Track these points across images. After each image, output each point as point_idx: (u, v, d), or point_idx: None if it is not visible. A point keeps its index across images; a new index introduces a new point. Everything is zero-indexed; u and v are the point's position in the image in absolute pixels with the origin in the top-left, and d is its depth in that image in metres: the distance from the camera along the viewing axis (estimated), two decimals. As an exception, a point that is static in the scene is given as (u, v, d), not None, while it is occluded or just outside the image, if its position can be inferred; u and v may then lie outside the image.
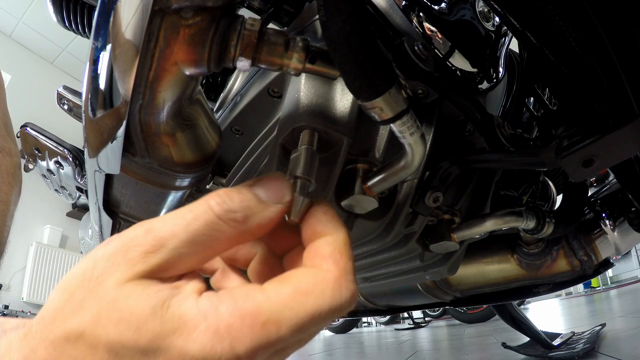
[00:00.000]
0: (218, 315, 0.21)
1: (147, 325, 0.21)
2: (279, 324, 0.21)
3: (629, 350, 1.32)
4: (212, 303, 0.21)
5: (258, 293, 0.22)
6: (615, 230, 0.70)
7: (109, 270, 0.22)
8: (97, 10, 0.35)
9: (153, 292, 0.22)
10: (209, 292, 0.23)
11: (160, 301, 0.21)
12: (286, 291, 0.22)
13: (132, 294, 0.21)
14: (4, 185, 0.62)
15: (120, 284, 0.22)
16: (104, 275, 0.22)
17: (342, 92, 0.42)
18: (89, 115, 0.42)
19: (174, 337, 0.20)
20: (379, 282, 0.79)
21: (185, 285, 0.23)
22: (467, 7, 0.54)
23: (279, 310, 0.21)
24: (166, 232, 0.23)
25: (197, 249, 0.23)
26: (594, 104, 0.37)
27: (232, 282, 0.29)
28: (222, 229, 0.23)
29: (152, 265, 0.22)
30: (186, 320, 0.21)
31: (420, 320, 5.09)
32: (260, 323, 0.21)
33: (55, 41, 4.60)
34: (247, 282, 0.27)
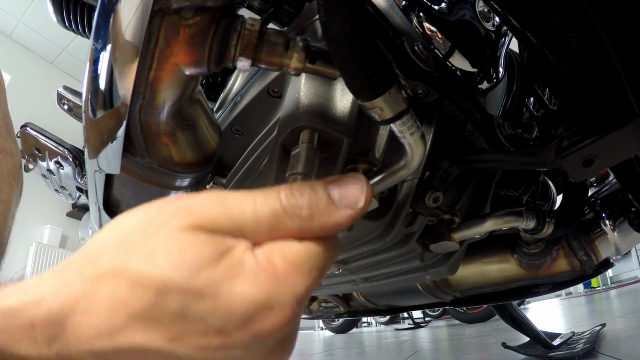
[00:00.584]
0: (274, 265, 0.23)
1: (209, 268, 0.21)
2: (318, 269, 0.24)
3: (629, 350, 1.32)
4: (266, 255, 0.23)
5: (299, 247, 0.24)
6: (615, 230, 0.70)
7: (174, 217, 0.23)
8: (97, 10, 0.35)
9: (215, 240, 0.23)
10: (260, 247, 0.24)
11: (223, 249, 0.22)
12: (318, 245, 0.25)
13: (196, 239, 0.22)
14: (4, 186, 0.62)
15: (184, 229, 0.22)
16: (166, 221, 0.23)
17: (342, 92, 0.42)
18: (89, 116, 0.42)
19: (236, 282, 0.22)
20: (379, 282, 0.79)
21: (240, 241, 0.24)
22: (467, 7, 0.54)
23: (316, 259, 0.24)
24: (236, 207, 0.24)
25: (258, 231, 0.24)
26: (594, 104, 0.37)
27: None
28: (285, 222, 0.24)
29: (217, 227, 0.23)
30: (248, 268, 0.22)
31: (420, 320, 5.09)
32: (308, 270, 0.24)
33: (55, 41, 4.60)
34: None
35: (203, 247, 0.22)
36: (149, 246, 0.22)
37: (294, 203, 0.24)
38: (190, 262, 0.21)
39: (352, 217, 0.26)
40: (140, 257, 0.22)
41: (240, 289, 0.21)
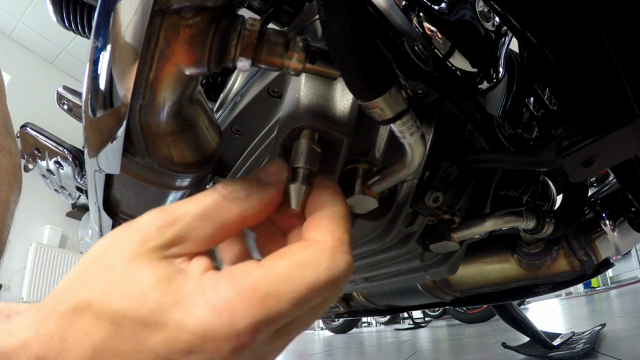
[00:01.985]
0: (217, 291, 0.21)
1: (149, 296, 0.21)
2: (278, 298, 0.21)
3: (629, 350, 1.32)
4: (211, 279, 0.22)
5: (256, 269, 0.22)
6: (615, 230, 0.70)
7: (124, 245, 0.23)
8: (97, 10, 0.35)
9: (161, 266, 0.22)
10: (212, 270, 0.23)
11: (166, 275, 0.22)
12: (283, 265, 0.22)
13: (141, 267, 0.22)
14: (3, 185, 0.62)
15: (132, 258, 0.23)
16: (118, 250, 0.23)
17: (342, 92, 0.42)
18: (89, 115, 0.42)
19: (173, 310, 0.21)
20: (379, 282, 0.79)
21: (193, 264, 0.23)
22: (467, 7, 0.54)
23: (277, 284, 0.21)
24: (178, 210, 0.25)
25: (207, 225, 0.24)
26: (594, 104, 0.37)
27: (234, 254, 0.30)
28: (228, 206, 0.25)
29: (166, 239, 0.23)
30: (186, 294, 0.21)
31: (420, 320, 5.09)
32: (259, 298, 0.21)
33: (55, 41, 4.60)
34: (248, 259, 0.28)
35: (148, 274, 0.22)
36: (105, 278, 0.23)
37: (229, 189, 0.26)
38: (135, 291, 0.21)
39: (280, 189, 0.28)
40: (98, 290, 0.22)
41: (177, 318, 0.21)
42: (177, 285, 0.22)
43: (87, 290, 0.22)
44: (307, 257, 0.23)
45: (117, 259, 0.23)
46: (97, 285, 0.22)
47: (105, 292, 0.22)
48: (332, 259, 0.23)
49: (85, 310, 0.22)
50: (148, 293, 0.21)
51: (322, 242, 0.24)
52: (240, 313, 0.20)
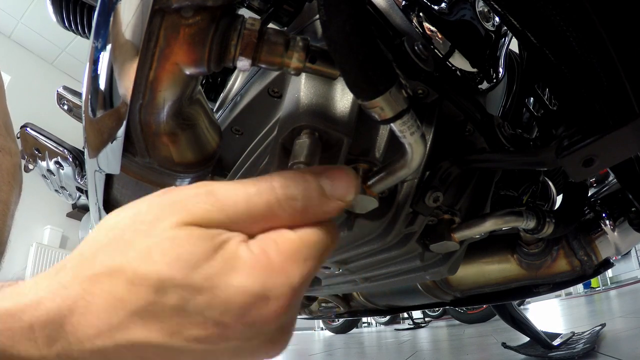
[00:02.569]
0: (269, 257, 0.23)
1: (205, 263, 0.22)
2: (314, 258, 0.24)
3: (629, 350, 1.32)
4: (260, 247, 0.23)
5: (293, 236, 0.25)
6: (615, 230, 0.70)
7: (164, 214, 0.23)
8: (97, 10, 0.35)
9: (208, 236, 0.23)
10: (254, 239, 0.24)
11: (216, 243, 0.23)
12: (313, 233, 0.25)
13: (188, 236, 0.22)
14: (4, 185, 0.62)
15: (178, 225, 0.23)
16: (159, 218, 0.23)
17: (342, 92, 0.42)
18: (89, 116, 0.42)
19: (232, 274, 0.22)
20: (379, 282, 0.79)
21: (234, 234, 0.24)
22: (467, 7, 0.54)
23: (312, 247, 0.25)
24: (228, 199, 0.24)
25: (251, 222, 0.24)
26: (594, 104, 0.37)
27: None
28: (279, 213, 0.25)
29: (210, 220, 0.23)
30: (244, 260, 0.22)
31: (420, 320, 5.09)
32: (303, 259, 0.24)
33: (54, 42, 4.60)
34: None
35: (197, 242, 0.22)
36: (144, 245, 0.22)
37: (288, 194, 0.25)
38: (186, 258, 0.22)
39: (341, 208, 0.27)
40: (136, 256, 0.22)
41: (235, 282, 0.22)
42: (229, 252, 0.22)
43: (122, 255, 0.22)
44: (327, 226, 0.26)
45: (160, 225, 0.23)
46: (135, 252, 0.22)
47: (146, 259, 0.22)
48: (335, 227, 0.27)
49: (120, 275, 0.21)
50: (200, 260, 0.22)
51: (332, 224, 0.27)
52: (293, 272, 0.23)
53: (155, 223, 0.23)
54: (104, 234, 0.24)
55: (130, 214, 0.24)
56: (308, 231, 0.25)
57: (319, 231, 0.25)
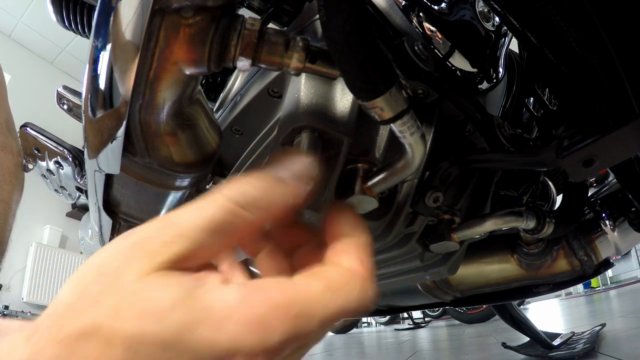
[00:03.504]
0: (248, 306, 0.20)
1: (171, 317, 0.20)
2: (309, 318, 0.21)
3: (629, 350, 1.32)
4: (241, 293, 0.21)
5: (289, 285, 0.22)
6: (615, 230, 0.70)
7: (128, 262, 0.22)
8: (97, 9, 0.35)
9: (177, 282, 0.21)
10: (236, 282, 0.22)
11: (185, 291, 0.21)
12: (317, 286, 0.22)
13: (155, 285, 0.21)
14: (5, 185, 0.62)
15: (141, 276, 0.21)
16: (122, 267, 0.22)
17: (342, 92, 0.42)
18: (89, 115, 0.42)
19: (201, 328, 0.20)
20: (379, 282, 0.79)
21: (208, 276, 0.22)
22: (467, 7, 0.54)
23: (310, 304, 0.21)
24: (186, 222, 0.22)
25: (218, 237, 0.23)
26: (594, 104, 0.37)
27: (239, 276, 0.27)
28: (242, 216, 0.23)
29: (173, 255, 0.22)
30: (215, 310, 0.20)
31: (420, 320, 5.09)
32: (293, 315, 0.21)
33: (54, 41, 4.60)
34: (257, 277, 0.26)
35: (166, 292, 0.21)
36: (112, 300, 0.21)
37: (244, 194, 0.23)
38: (151, 312, 0.20)
39: (306, 187, 0.25)
40: (105, 313, 0.20)
41: (203, 335, 0.20)
42: (201, 300, 0.21)
43: (91, 314, 0.21)
44: (342, 283, 0.23)
45: (124, 278, 0.21)
46: (103, 308, 0.21)
47: (115, 316, 0.20)
48: (364, 287, 0.23)
49: (92, 336, 0.20)
50: (169, 313, 0.20)
51: (356, 270, 0.24)
52: (273, 329, 0.20)
53: (119, 275, 0.21)
54: (72, 290, 0.22)
55: (94, 265, 0.22)
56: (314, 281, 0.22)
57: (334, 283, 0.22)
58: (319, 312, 0.21)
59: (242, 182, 0.24)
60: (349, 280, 0.23)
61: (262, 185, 0.24)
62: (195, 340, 0.20)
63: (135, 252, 0.22)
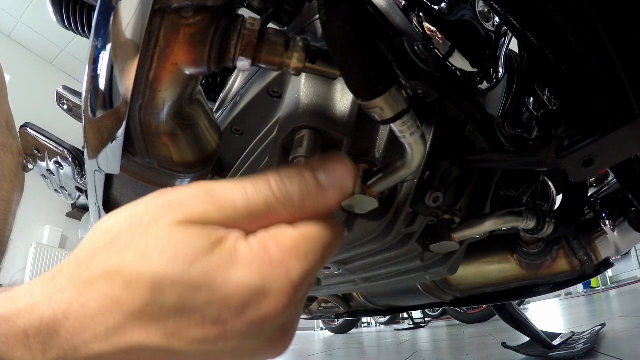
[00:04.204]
0: (268, 251, 0.23)
1: (203, 259, 0.21)
2: (315, 253, 0.24)
3: (629, 350, 1.32)
4: (259, 242, 0.23)
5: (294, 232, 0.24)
6: (615, 230, 0.70)
7: (163, 213, 0.23)
8: (97, 9, 0.35)
9: (207, 232, 0.22)
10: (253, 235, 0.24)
11: (215, 239, 0.22)
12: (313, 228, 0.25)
13: (186, 233, 0.22)
14: (5, 184, 0.62)
15: (175, 224, 0.22)
16: (156, 218, 0.23)
17: (342, 92, 0.42)
18: (89, 116, 0.42)
19: (231, 269, 0.22)
20: (379, 282, 0.79)
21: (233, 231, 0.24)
22: (467, 7, 0.54)
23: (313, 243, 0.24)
24: (226, 198, 0.24)
25: (251, 222, 0.24)
26: (594, 104, 0.37)
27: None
28: (278, 210, 0.25)
29: (208, 220, 0.23)
30: (242, 255, 0.22)
31: (420, 320, 5.09)
32: (304, 254, 0.23)
33: (54, 41, 4.60)
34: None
35: (195, 239, 0.22)
36: (141, 244, 0.22)
37: (286, 191, 0.25)
38: (183, 255, 0.21)
39: (341, 199, 0.27)
40: (132, 256, 0.21)
41: (234, 277, 0.21)
42: (228, 248, 0.22)
43: (119, 257, 0.21)
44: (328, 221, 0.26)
45: (158, 226, 0.22)
46: (132, 252, 0.21)
47: (143, 259, 0.21)
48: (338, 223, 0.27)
49: (116, 276, 0.21)
50: (201, 256, 0.21)
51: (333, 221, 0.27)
52: (293, 267, 0.23)
53: (152, 223, 0.22)
54: (100, 236, 0.23)
55: (126, 216, 0.23)
56: (309, 226, 0.25)
57: (320, 226, 0.25)
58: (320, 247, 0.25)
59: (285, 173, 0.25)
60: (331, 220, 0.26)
61: (301, 182, 0.25)
62: (227, 282, 0.21)
63: (170, 207, 0.23)
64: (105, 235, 0.23)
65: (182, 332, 0.21)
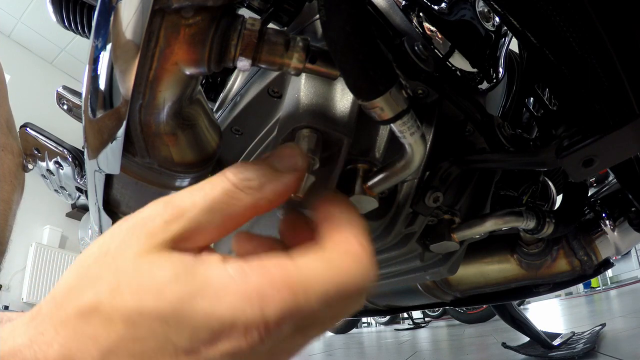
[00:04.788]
0: (247, 280, 0.21)
1: (170, 290, 0.20)
2: (307, 293, 0.21)
3: (629, 350, 1.32)
4: (240, 268, 0.21)
5: (287, 261, 0.22)
6: (615, 230, 0.70)
7: (128, 242, 0.22)
8: (97, 9, 0.35)
9: (175, 260, 0.21)
10: (235, 259, 0.22)
11: (184, 267, 0.21)
12: (315, 263, 0.22)
13: (154, 262, 0.21)
14: (6, 185, 0.62)
15: (141, 254, 0.22)
16: (122, 247, 0.22)
17: (342, 92, 0.42)
18: (89, 116, 0.42)
19: (199, 299, 0.20)
20: (379, 282, 0.79)
21: (207, 256, 0.22)
22: (467, 7, 0.54)
23: (309, 279, 0.21)
24: (185, 202, 0.23)
25: (216, 217, 0.23)
26: (594, 104, 0.37)
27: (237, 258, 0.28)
28: (239, 197, 0.24)
29: (173, 234, 0.22)
30: (213, 283, 0.21)
31: (420, 320, 5.09)
32: (290, 290, 0.21)
33: (54, 41, 4.60)
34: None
35: (165, 268, 0.21)
36: (110, 278, 0.21)
37: (243, 176, 0.24)
38: (149, 288, 0.20)
39: (297, 178, 0.27)
40: (104, 291, 0.21)
41: (201, 307, 0.20)
42: (199, 275, 0.21)
43: (91, 292, 0.21)
44: (341, 261, 0.23)
45: (123, 256, 0.22)
46: (102, 286, 0.21)
47: (114, 292, 0.21)
48: (365, 268, 0.23)
49: (91, 313, 0.21)
50: (167, 286, 0.20)
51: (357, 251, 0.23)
52: (271, 302, 0.20)
53: (118, 253, 0.22)
54: (75, 271, 0.23)
55: (95, 248, 0.23)
56: (312, 258, 0.22)
57: (333, 261, 0.22)
58: (318, 289, 0.21)
59: (239, 165, 0.25)
60: (348, 260, 0.23)
61: (257, 169, 0.25)
62: (194, 312, 0.20)
63: (135, 232, 0.22)
64: (78, 270, 0.23)
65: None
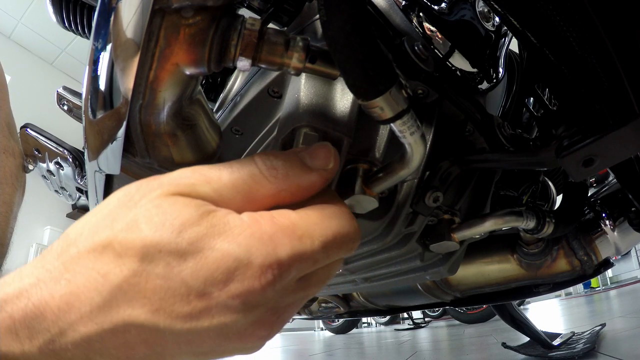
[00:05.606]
0: (260, 226, 0.22)
1: (191, 228, 0.21)
2: (312, 238, 0.23)
3: (629, 350, 1.32)
4: (253, 217, 0.23)
5: (292, 213, 0.24)
6: (615, 230, 0.70)
7: (153, 190, 0.23)
8: (97, 10, 0.35)
9: (195, 204, 0.22)
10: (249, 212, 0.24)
11: (206, 210, 0.22)
12: (315, 213, 0.25)
13: (177, 202, 0.22)
14: (7, 187, 0.62)
15: (164, 196, 0.22)
16: (146, 193, 0.23)
17: (342, 92, 0.42)
18: (89, 116, 0.42)
19: (218, 239, 0.21)
20: (379, 282, 0.79)
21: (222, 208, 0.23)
22: (467, 7, 0.54)
23: (311, 227, 0.24)
24: (212, 173, 0.24)
25: (237, 196, 0.24)
26: (594, 104, 0.37)
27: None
28: (263, 182, 0.25)
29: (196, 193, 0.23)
30: (232, 226, 0.22)
31: (420, 320, 5.09)
32: (298, 235, 0.23)
33: (54, 42, 4.61)
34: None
35: (183, 209, 0.22)
36: (130, 216, 0.22)
37: (270, 164, 0.25)
38: (171, 223, 0.21)
39: (325, 178, 0.27)
40: (122, 227, 0.21)
41: (220, 246, 0.21)
42: (218, 218, 0.22)
43: (107, 231, 0.21)
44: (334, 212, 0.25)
45: (145, 199, 0.22)
46: (120, 224, 0.21)
47: (131, 227, 0.21)
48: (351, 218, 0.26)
49: (104, 249, 0.21)
50: (189, 225, 0.21)
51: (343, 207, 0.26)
52: (283, 244, 0.22)
53: (143, 196, 0.23)
54: (93, 214, 0.23)
55: (119, 195, 0.24)
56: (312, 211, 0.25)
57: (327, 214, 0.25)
58: (319, 233, 0.24)
59: (270, 152, 0.26)
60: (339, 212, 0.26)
61: (286, 160, 0.26)
62: (212, 250, 0.21)
63: (161, 184, 0.23)
64: (97, 213, 0.23)
65: (167, 307, 0.21)
